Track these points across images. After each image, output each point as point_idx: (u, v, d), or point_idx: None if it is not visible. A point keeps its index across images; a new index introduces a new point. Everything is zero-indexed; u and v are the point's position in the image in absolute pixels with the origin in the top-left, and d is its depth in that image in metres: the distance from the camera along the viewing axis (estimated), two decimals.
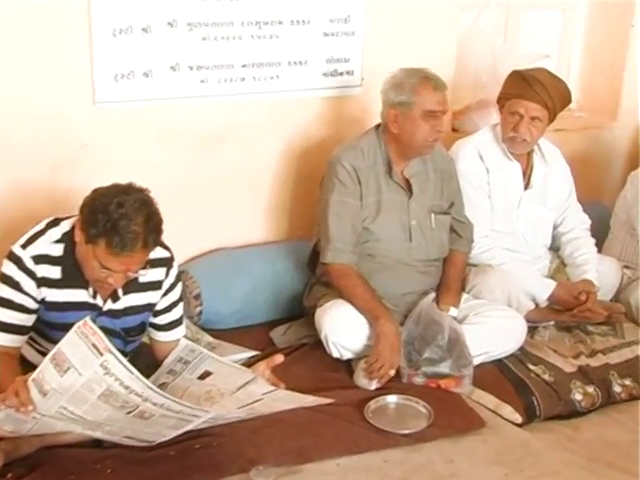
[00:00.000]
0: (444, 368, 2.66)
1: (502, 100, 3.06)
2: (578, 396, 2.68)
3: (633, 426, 2.59)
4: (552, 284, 3.06)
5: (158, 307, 2.35)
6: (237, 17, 2.91)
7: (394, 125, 2.76)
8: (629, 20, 3.78)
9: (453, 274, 2.97)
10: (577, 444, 2.51)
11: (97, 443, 2.20)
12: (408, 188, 2.87)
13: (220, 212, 3.12)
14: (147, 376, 2.00)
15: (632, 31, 3.79)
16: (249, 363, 2.56)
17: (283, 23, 3.00)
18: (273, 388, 2.17)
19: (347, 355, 2.73)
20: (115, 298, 2.27)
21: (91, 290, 2.23)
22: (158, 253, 2.26)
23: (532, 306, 3.02)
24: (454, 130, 3.55)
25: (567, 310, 3.04)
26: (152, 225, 2.09)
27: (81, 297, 2.23)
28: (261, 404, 2.16)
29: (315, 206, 2.92)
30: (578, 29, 3.99)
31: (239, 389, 2.22)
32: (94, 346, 1.87)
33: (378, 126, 2.87)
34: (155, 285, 2.30)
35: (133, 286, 2.25)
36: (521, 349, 2.88)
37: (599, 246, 3.32)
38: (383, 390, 2.61)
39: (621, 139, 3.99)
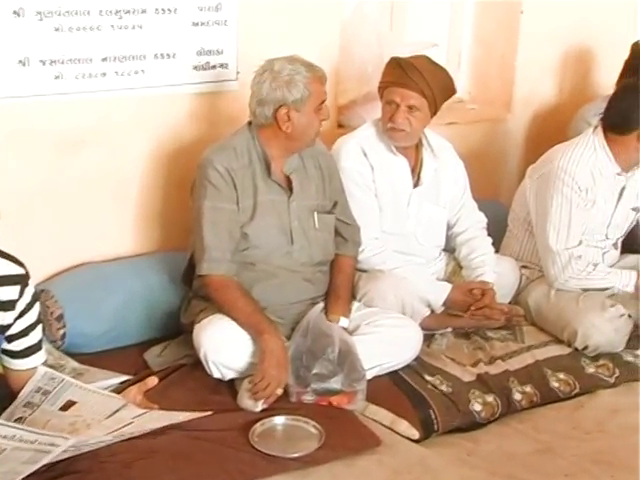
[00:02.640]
0: (335, 384, 2.68)
1: (381, 89, 3.13)
2: (477, 406, 2.75)
3: (534, 435, 2.69)
4: (447, 287, 3.14)
5: (12, 331, 2.27)
6: (94, 5, 2.87)
7: (286, 124, 2.78)
8: (518, 7, 3.92)
9: (341, 281, 3.01)
10: (477, 458, 2.57)
11: None
12: (288, 187, 2.89)
13: (83, 223, 3.07)
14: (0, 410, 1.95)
15: (522, 18, 3.93)
16: (120, 389, 2.52)
17: (147, 12, 2.97)
18: (145, 411, 2.15)
19: (229, 375, 2.72)
20: None
21: None
22: (9, 269, 2.20)
23: (428, 312, 3.10)
24: (340, 126, 3.60)
25: (465, 312, 3.12)
26: None
27: None
28: (131, 427, 2.13)
29: (188, 214, 2.91)
30: (468, 17, 4.11)
31: (108, 418, 2.18)
32: None
33: (250, 123, 2.88)
34: (6, 306, 2.23)
35: None
36: (417, 359, 2.94)
37: (496, 245, 3.42)
38: (270, 411, 2.61)
39: (516, 131, 4.13)
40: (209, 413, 2.27)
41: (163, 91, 3.09)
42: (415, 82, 3.02)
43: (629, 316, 3.15)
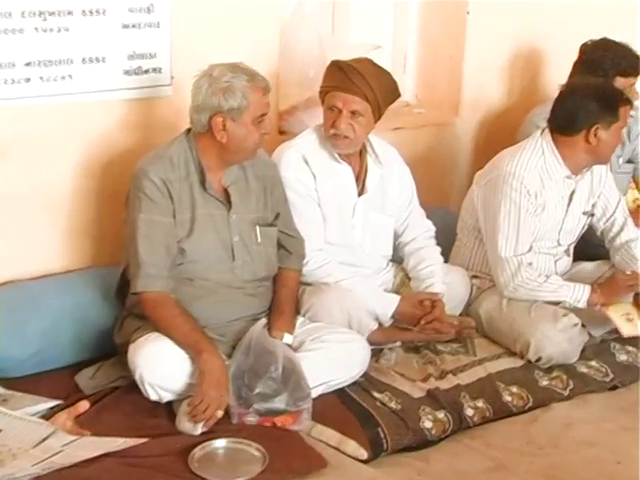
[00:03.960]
0: (279, 403, 2.67)
1: (322, 94, 3.14)
2: (428, 424, 2.76)
3: (486, 452, 2.71)
4: (395, 299, 3.15)
5: None
6: (16, 6, 2.84)
7: (221, 134, 2.76)
8: (464, 7, 3.97)
9: (285, 295, 3.00)
10: (428, 477, 2.58)
11: None
12: (227, 200, 2.88)
13: (8, 238, 3.02)
14: None
15: (468, 18, 3.98)
16: (49, 415, 2.49)
17: (73, 13, 2.94)
18: (75, 437, 2.12)
19: (167, 397, 2.70)
20: None
21: None
22: None
23: (375, 326, 3.11)
24: (281, 132, 3.60)
25: (415, 326, 3.14)
26: None
27: None
28: (61, 456, 2.10)
29: (122, 227, 2.88)
30: (412, 17, 4.14)
31: (36, 446, 2.15)
32: None
33: (189, 131, 2.87)
34: None
35: None
36: (365, 376, 2.94)
37: (446, 255, 3.45)
38: (210, 434, 2.59)
39: (465, 136, 4.17)
40: (145, 440, 2.24)
41: (92, 97, 3.06)
42: (357, 86, 3.03)
43: (583, 325, 3.20)
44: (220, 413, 2.62)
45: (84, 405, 2.23)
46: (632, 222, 3.45)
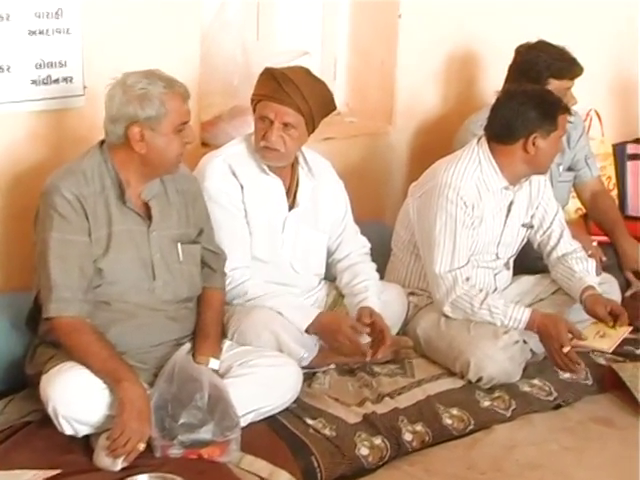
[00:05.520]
0: (205, 434, 2.65)
1: (253, 103, 3.14)
2: (364, 450, 2.77)
3: (425, 478, 2.72)
4: (314, 311, 3.13)
5: None
6: None
7: (139, 145, 2.74)
8: (396, 10, 4.01)
9: (210, 317, 2.98)
10: None
11: None
12: (147, 215, 2.86)
13: None
14: None
15: (400, 22, 4.02)
16: None
17: None
18: None
19: (84, 431, 2.66)
20: None
21: None
22: None
23: (307, 354, 3.08)
24: (204, 144, 3.59)
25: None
26: None
27: None
28: None
29: (32, 248, 2.84)
30: (342, 21, 4.18)
31: None
32: None
33: (102, 142, 2.85)
34: None
35: None
36: (297, 401, 2.94)
37: (381, 271, 3.47)
38: (131, 469, 2.56)
39: (399, 145, 4.21)
40: (58, 471, 2.21)
41: None
42: (291, 97, 3.04)
43: (524, 342, 3.24)
44: (142, 446, 2.59)
45: None
46: (569, 234, 3.51)
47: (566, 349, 3.16)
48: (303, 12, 4.10)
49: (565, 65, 3.70)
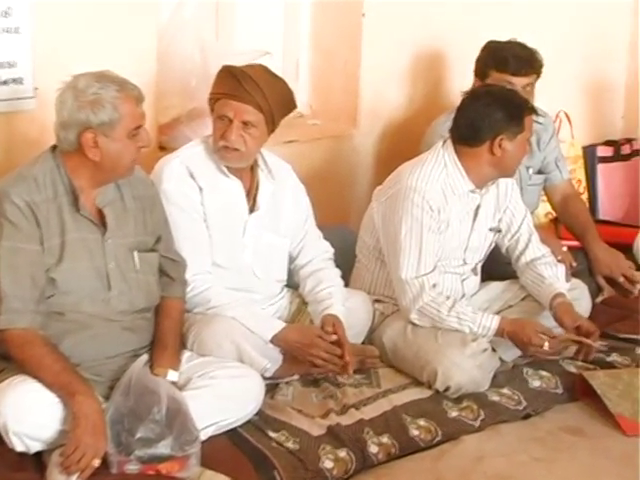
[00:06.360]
0: (163, 448, 2.63)
1: (212, 102, 3.13)
2: (329, 464, 2.76)
3: None
4: (279, 324, 3.14)
5: None
6: None
7: (93, 151, 2.73)
8: (359, 9, 4.03)
9: (168, 327, 2.97)
10: None
11: None
12: (102, 222, 2.85)
13: None
14: None
15: (364, 21, 4.03)
16: None
17: None
18: None
19: (36, 447, 2.64)
20: None
21: None
22: None
23: (269, 365, 3.06)
24: (162, 148, 3.59)
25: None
26: None
27: None
28: None
29: None
30: (304, 21, 4.19)
31: None
32: None
33: (54, 147, 2.83)
34: None
35: None
36: (259, 414, 2.94)
37: (346, 278, 3.47)
38: None
39: (364, 149, 4.23)
40: None
41: None
42: (251, 94, 3.04)
43: (493, 350, 3.25)
44: (97, 462, 2.57)
45: None
46: (537, 239, 3.53)
47: (546, 346, 3.19)
48: (264, 11, 4.11)
49: (512, 59, 3.69)
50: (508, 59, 3.69)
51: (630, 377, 3.27)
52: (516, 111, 3.24)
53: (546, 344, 3.20)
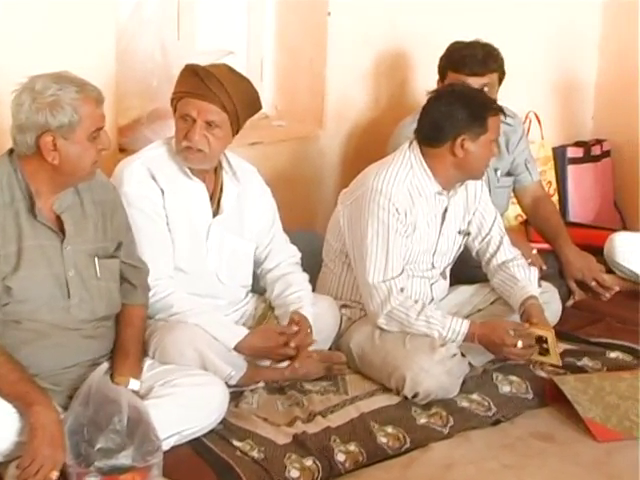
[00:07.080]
0: (124, 459, 2.62)
1: (174, 101, 3.13)
2: (295, 473, 2.75)
3: None
4: (242, 331, 3.13)
5: None
6: None
7: (52, 154, 2.71)
8: (325, 7, 4.03)
9: (130, 335, 2.96)
10: None
11: None
12: (60, 228, 2.83)
13: None
14: None
15: (329, 20, 4.04)
16: None
17: None
18: None
19: None
20: None
21: None
22: None
23: (234, 372, 3.06)
24: (122, 150, 3.58)
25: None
26: None
27: None
28: None
29: None
30: (269, 20, 4.19)
31: None
32: None
33: (11, 151, 2.81)
34: None
35: None
36: (223, 422, 2.93)
37: (313, 283, 3.47)
38: None
39: (331, 150, 4.24)
40: None
41: None
42: (215, 93, 3.03)
43: (462, 355, 3.26)
44: (55, 474, 2.55)
45: None
46: (509, 241, 3.55)
47: (520, 344, 3.21)
48: (227, 9, 4.10)
49: (469, 59, 3.70)
50: (463, 59, 3.71)
51: (601, 381, 3.29)
52: (479, 111, 3.25)
53: (519, 343, 3.22)
